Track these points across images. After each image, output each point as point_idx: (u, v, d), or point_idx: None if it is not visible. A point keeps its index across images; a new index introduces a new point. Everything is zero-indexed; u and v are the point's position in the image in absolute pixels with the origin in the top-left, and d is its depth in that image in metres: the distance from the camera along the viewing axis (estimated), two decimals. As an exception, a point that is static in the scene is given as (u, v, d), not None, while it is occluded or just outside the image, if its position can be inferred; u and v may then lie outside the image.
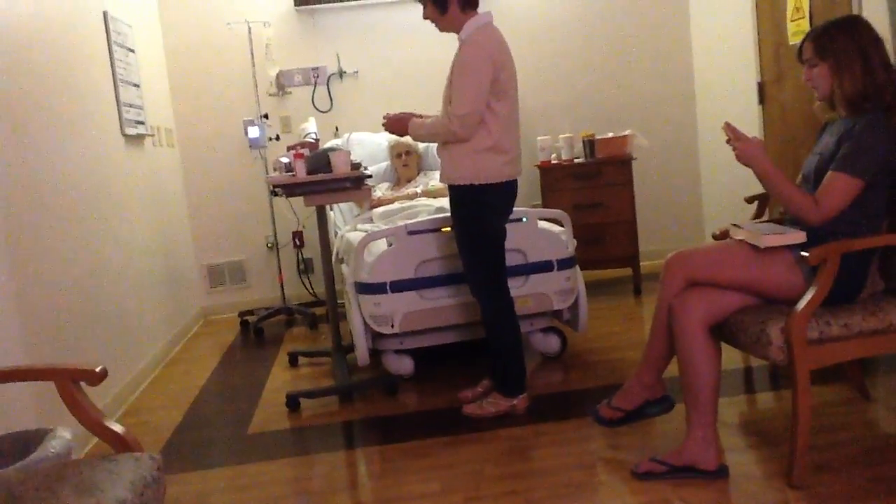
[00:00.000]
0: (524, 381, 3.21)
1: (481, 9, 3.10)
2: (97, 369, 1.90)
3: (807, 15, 4.05)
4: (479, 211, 3.11)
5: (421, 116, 3.21)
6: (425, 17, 3.15)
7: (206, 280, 5.71)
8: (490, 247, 3.15)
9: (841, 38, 2.41)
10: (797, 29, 4.16)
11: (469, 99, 2.96)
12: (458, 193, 3.12)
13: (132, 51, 4.62)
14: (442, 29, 3.15)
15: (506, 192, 3.12)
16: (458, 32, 3.08)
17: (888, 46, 2.50)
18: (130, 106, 4.45)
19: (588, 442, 2.83)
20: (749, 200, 3.43)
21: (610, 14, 5.70)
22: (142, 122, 4.63)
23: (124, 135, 4.31)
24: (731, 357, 3.13)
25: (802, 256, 2.30)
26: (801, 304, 2.26)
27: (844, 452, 2.55)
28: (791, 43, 4.23)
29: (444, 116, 3.06)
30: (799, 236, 2.40)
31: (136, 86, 4.62)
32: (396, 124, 3.26)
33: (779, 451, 2.58)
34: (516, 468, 2.69)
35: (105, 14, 4.21)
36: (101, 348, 3.57)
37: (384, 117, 3.30)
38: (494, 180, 3.05)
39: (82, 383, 1.93)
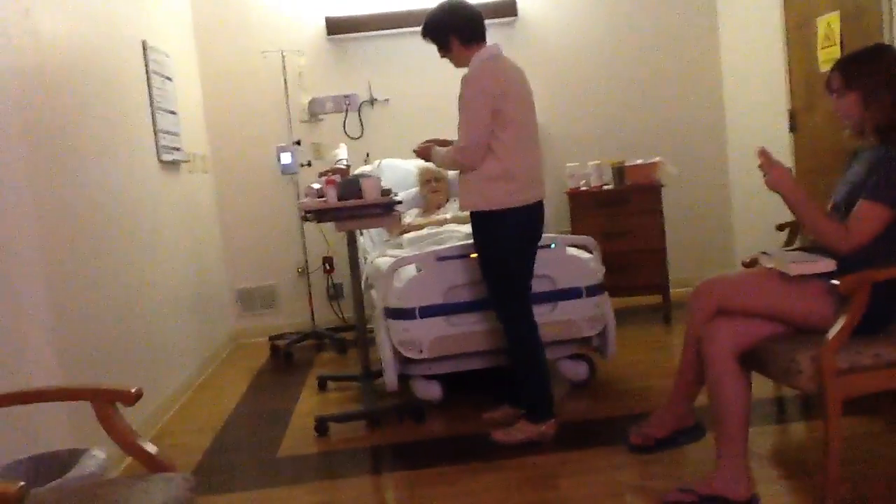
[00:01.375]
0: (552, 406, 3.20)
1: (507, 38, 3.16)
2: (133, 390, 1.94)
3: (837, 43, 4.04)
4: (496, 236, 3.15)
5: (447, 142, 3.28)
6: (441, 56, 3.30)
7: (238, 304, 5.77)
8: (510, 272, 3.18)
9: (869, 67, 2.41)
10: (828, 57, 4.16)
11: (465, 133, 3.07)
12: (476, 220, 3.19)
13: (169, 79, 4.72)
14: (456, 65, 3.29)
15: (523, 217, 3.14)
16: (467, 66, 3.20)
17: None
18: (167, 133, 4.54)
19: (616, 471, 2.81)
20: (780, 228, 3.41)
21: (640, 42, 5.73)
22: (178, 149, 4.73)
23: (160, 161, 4.40)
24: (763, 386, 3.10)
25: (833, 285, 2.29)
26: (832, 334, 2.25)
27: (877, 485, 2.51)
28: (822, 70, 4.22)
29: (452, 147, 3.18)
30: (829, 265, 2.38)
31: (173, 113, 4.72)
32: (423, 152, 3.40)
33: (810, 483, 2.55)
34: (543, 496, 2.68)
35: (144, 43, 4.32)
36: (133, 371, 3.62)
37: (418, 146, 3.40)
38: (504, 206, 3.09)
39: (117, 404, 1.97)
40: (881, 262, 2.33)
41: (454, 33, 3.18)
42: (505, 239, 3.14)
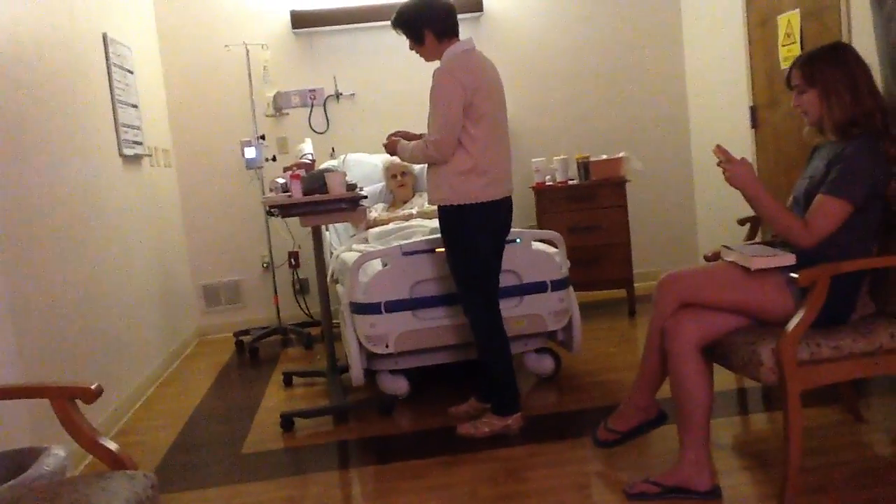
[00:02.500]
0: (518, 400, 3.22)
1: (473, 34, 3.16)
2: (92, 386, 1.91)
3: (798, 40, 4.11)
4: (465, 231, 3.15)
5: (419, 136, 3.27)
6: (411, 49, 3.27)
7: (202, 300, 5.71)
8: (478, 266, 3.19)
9: (828, 64, 2.45)
10: (788, 54, 4.22)
11: (438, 126, 3.06)
12: (445, 214, 3.18)
13: (131, 72, 4.66)
14: (426, 59, 3.27)
15: (492, 211, 3.15)
16: (440, 60, 3.18)
17: (875, 73, 2.54)
18: (129, 126, 4.48)
19: (582, 463, 2.83)
20: (741, 223, 3.46)
21: (605, 38, 5.76)
22: (139, 143, 4.66)
23: (122, 155, 4.34)
24: (725, 378, 3.14)
25: (792, 278, 2.32)
26: (791, 326, 2.28)
27: (837, 474, 2.56)
28: (783, 68, 4.28)
29: (422, 141, 3.15)
30: (789, 258, 2.42)
31: (135, 107, 4.66)
32: (390, 146, 3.37)
33: (771, 473, 2.59)
34: (511, 489, 2.69)
35: (104, 36, 4.26)
36: (95, 367, 3.57)
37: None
38: (474, 201, 3.10)
39: (77, 401, 1.94)
40: (840, 256, 2.37)
41: (429, 26, 3.16)
42: (474, 233, 3.15)
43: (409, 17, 3.18)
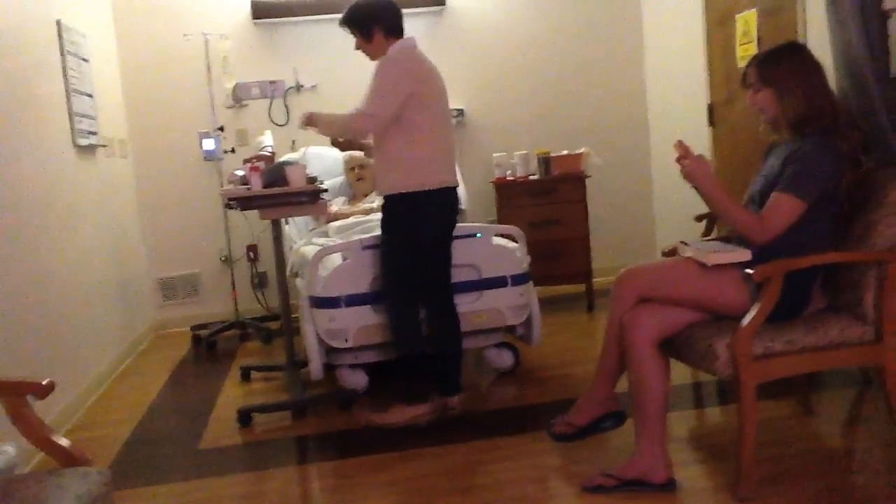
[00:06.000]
0: (431, 393, 3.32)
1: (435, 28, 3.19)
2: (44, 382, 1.88)
3: (755, 39, 4.17)
4: (409, 220, 3.21)
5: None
6: (357, 48, 3.34)
7: (159, 293, 5.63)
8: (411, 258, 3.27)
9: (783, 64, 2.50)
10: (746, 53, 4.28)
11: (374, 102, 3.13)
12: (391, 203, 3.24)
13: (86, 60, 4.56)
14: (372, 57, 3.32)
15: (439, 200, 3.21)
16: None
17: (829, 73, 2.59)
18: (83, 116, 4.38)
19: (541, 456, 2.85)
20: (699, 219, 3.51)
21: (565, 34, 5.79)
22: (94, 133, 4.57)
23: (76, 145, 4.25)
24: (681, 372, 3.19)
25: (747, 274, 2.36)
26: (746, 321, 2.32)
27: (789, 465, 2.61)
28: (740, 66, 4.34)
29: (350, 111, 3.20)
30: (744, 254, 2.46)
31: (90, 96, 4.56)
32: (309, 118, 3.38)
33: (726, 465, 2.63)
34: (470, 482, 2.70)
35: (58, 23, 4.16)
36: (47, 361, 3.50)
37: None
38: (423, 188, 3.17)
39: (29, 397, 1.90)
40: (796, 252, 2.41)
41: (380, 24, 3.24)
42: (419, 222, 3.20)
43: (360, 15, 3.28)
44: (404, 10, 3.35)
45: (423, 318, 3.42)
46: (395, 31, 3.28)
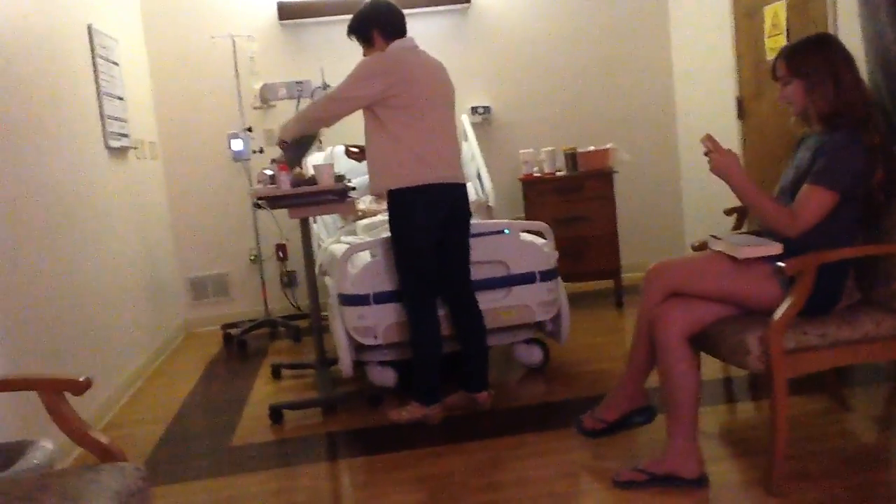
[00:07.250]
0: (436, 393, 3.29)
1: (460, 26, 3.18)
2: (81, 379, 1.91)
3: (783, 31, 4.12)
4: (405, 217, 3.22)
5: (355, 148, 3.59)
6: (364, 56, 3.37)
7: (189, 293, 5.69)
8: (412, 254, 3.27)
9: (813, 56, 2.47)
10: (774, 45, 4.23)
11: (344, 86, 3.21)
12: (388, 201, 3.27)
13: (116, 64, 4.62)
14: None
15: (429, 197, 3.20)
16: None
17: (860, 64, 2.56)
18: (114, 119, 4.45)
19: (570, 452, 2.85)
20: (728, 213, 3.48)
21: (592, 30, 5.77)
22: (125, 135, 4.63)
23: (108, 147, 4.31)
24: (712, 367, 3.17)
25: (779, 268, 2.34)
26: (778, 315, 2.30)
27: (822, 461, 2.58)
28: (769, 59, 4.29)
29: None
30: (775, 248, 2.44)
31: (121, 99, 4.62)
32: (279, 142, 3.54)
33: (758, 460, 2.61)
34: (498, 478, 2.70)
35: (90, 27, 4.22)
36: (82, 361, 3.55)
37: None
38: (409, 184, 3.17)
39: (66, 394, 1.93)
40: (827, 245, 2.39)
41: (377, 27, 3.29)
42: (417, 219, 3.21)
43: (358, 22, 3.36)
44: (430, 9, 3.37)
45: (444, 315, 3.43)
46: (394, 32, 3.29)
